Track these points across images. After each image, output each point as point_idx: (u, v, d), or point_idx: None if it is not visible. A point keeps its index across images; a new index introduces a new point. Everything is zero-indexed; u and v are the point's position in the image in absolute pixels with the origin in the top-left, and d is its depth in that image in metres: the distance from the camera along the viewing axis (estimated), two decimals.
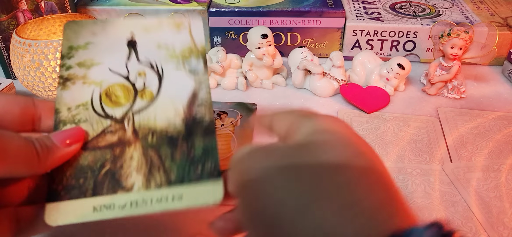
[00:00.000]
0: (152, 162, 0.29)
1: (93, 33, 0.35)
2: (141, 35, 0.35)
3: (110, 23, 0.35)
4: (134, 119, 0.31)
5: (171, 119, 0.31)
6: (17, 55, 0.50)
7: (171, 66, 0.34)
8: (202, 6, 0.63)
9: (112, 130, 0.31)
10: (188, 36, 0.35)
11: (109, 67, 0.33)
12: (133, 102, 0.32)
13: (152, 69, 0.33)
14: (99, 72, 0.33)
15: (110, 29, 0.35)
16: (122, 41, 0.34)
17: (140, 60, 0.34)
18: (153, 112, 0.31)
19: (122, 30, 0.35)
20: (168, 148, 0.29)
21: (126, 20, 0.36)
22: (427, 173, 0.42)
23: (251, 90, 0.57)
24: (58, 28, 0.58)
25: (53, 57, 0.49)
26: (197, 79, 0.33)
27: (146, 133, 0.30)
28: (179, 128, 0.30)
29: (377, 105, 0.53)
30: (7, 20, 0.57)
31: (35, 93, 0.53)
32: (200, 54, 0.34)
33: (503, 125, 0.49)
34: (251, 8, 0.62)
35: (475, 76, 0.60)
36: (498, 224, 0.36)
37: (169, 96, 0.32)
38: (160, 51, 0.34)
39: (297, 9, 0.62)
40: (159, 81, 0.33)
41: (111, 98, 0.32)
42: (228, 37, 0.64)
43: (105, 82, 0.32)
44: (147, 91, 0.32)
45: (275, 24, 0.63)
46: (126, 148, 0.30)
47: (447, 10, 0.67)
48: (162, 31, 0.36)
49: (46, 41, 0.49)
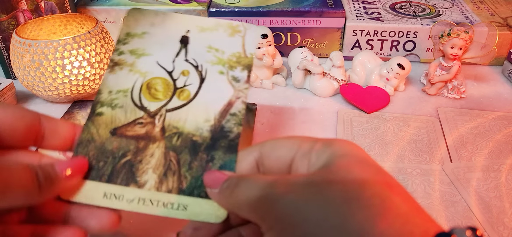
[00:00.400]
0: (169, 165, 0.29)
1: (152, 23, 0.35)
2: (196, 34, 0.35)
3: (170, 16, 0.35)
4: (166, 116, 0.31)
5: (200, 124, 0.31)
6: (17, 55, 0.50)
7: (216, 70, 0.33)
8: (202, 6, 0.63)
9: (142, 122, 0.30)
10: (240, 44, 0.34)
11: (157, 60, 0.33)
12: (170, 99, 0.32)
13: (196, 69, 0.33)
14: (146, 63, 0.33)
15: (169, 22, 0.35)
16: (176, 37, 0.34)
17: (187, 58, 0.34)
18: (185, 113, 0.31)
19: (179, 25, 0.35)
20: (188, 154, 0.29)
21: (185, 16, 0.35)
22: (427, 173, 0.42)
23: (251, 90, 0.57)
24: (58, 28, 0.58)
25: (53, 57, 0.49)
26: (237, 89, 0.32)
27: (173, 134, 0.30)
28: (205, 135, 0.30)
29: (377, 105, 0.53)
30: (7, 20, 0.57)
31: (35, 93, 0.53)
32: (247, 65, 0.34)
33: (503, 125, 0.49)
34: (251, 8, 0.62)
35: (475, 76, 0.60)
36: (498, 224, 0.36)
37: (205, 100, 0.32)
38: (209, 53, 0.34)
39: (297, 9, 0.62)
40: (200, 83, 0.33)
41: (150, 91, 0.32)
42: None
43: (149, 74, 0.32)
44: (186, 91, 0.32)
45: (275, 24, 0.63)
46: (150, 144, 0.30)
47: (447, 10, 0.67)
48: (217, 33, 0.35)
49: (46, 41, 0.49)
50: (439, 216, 0.37)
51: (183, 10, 0.63)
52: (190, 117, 0.31)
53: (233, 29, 0.35)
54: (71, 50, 0.50)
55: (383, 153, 0.45)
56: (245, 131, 0.48)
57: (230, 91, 0.32)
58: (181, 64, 0.33)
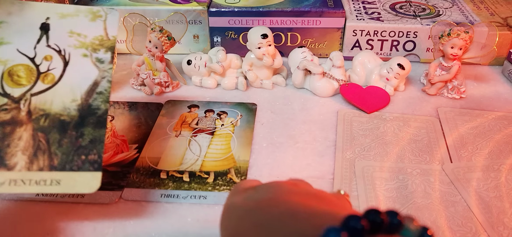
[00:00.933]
0: (39, 146, 0.30)
1: (9, 13, 0.36)
2: (56, 21, 0.37)
3: (28, 5, 0.37)
4: (31, 100, 0.32)
5: (67, 104, 0.32)
6: None
7: (79, 53, 0.35)
8: (202, 6, 0.63)
9: (7, 108, 0.32)
10: (102, 28, 0.37)
11: (17, 47, 0.35)
12: (34, 84, 0.33)
13: (59, 54, 0.35)
14: (6, 52, 0.34)
15: (27, 11, 0.36)
16: (36, 24, 0.36)
17: (49, 44, 0.35)
18: (51, 96, 0.33)
19: (38, 14, 0.36)
20: (57, 133, 0.31)
21: (44, 4, 0.37)
22: (427, 173, 0.42)
23: (251, 90, 0.57)
24: None
25: None
26: (102, 69, 0.35)
27: (40, 116, 0.32)
28: (73, 113, 0.32)
29: (377, 105, 0.53)
30: None
31: None
32: (110, 46, 0.36)
33: (503, 125, 0.49)
34: (251, 8, 0.62)
35: (475, 76, 0.60)
36: (498, 224, 0.36)
37: (71, 82, 0.34)
38: (71, 38, 0.36)
39: (297, 9, 0.62)
40: (64, 67, 0.34)
41: (12, 77, 0.33)
42: (228, 37, 0.64)
43: (10, 62, 0.34)
44: (50, 75, 0.34)
45: (275, 24, 0.63)
46: (17, 128, 0.31)
47: (447, 10, 0.67)
48: (78, 19, 0.37)
49: None
50: (439, 216, 0.37)
51: (183, 10, 0.63)
52: (57, 99, 0.33)
53: (94, 14, 0.37)
54: None
55: (383, 153, 0.45)
56: (245, 131, 0.48)
57: (95, 72, 0.35)
58: (43, 50, 0.35)
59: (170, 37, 0.55)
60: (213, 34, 0.65)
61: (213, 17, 0.63)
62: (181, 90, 0.58)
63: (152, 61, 0.56)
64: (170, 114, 0.52)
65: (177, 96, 0.56)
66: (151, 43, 0.54)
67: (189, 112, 0.52)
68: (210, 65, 0.56)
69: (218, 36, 0.65)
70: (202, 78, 0.58)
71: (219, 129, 0.49)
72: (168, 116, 0.52)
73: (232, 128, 0.49)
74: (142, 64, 0.57)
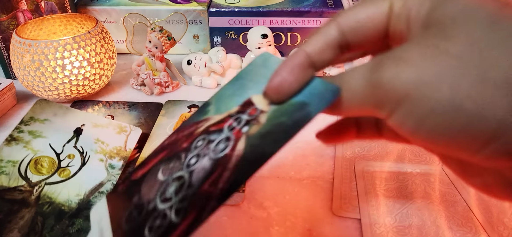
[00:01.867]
0: (34, 227, 0.34)
1: (55, 114, 0.44)
2: (89, 128, 0.43)
3: (71, 111, 0.45)
4: (44, 188, 0.37)
5: (70, 197, 0.37)
6: (17, 55, 0.50)
7: (97, 157, 0.41)
8: (202, 6, 0.63)
9: (22, 189, 0.37)
10: (123, 140, 0.43)
11: (50, 142, 0.41)
12: (51, 175, 0.39)
13: (81, 155, 0.41)
14: (40, 143, 0.41)
15: (69, 115, 0.44)
16: (72, 127, 0.43)
17: (76, 145, 0.41)
18: (61, 188, 0.37)
19: (77, 119, 0.44)
20: (53, 219, 0.34)
21: (84, 113, 0.45)
22: (427, 173, 0.42)
23: None
24: (58, 28, 0.58)
25: (53, 57, 0.49)
26: (111, 174, 0.39)
27: (45, 202, 0.36)
28: (73, 206, 0.36)
29: None
30: (7, 20, 0.57)
31: (35, 93, 0.53)
32: (124, 157, 0.41)
33: None
34: (251, 8, 0.62)
35: None
36: (498, 224, 0.36)
37: (81, 180, 0.38)
38: (95, 144, 0.42)
39: (297, 9, 0.62)
40: (80, 166, 0.40)
41: (36, 166, 0.39)
42: (228, 37, 0.64)
43: (39, 152, 0.40)
44: (67, 170, 0.39)
45: (275, 24, 0.63)
46: (23, 209, 0.35)
47: None
48: (107, 130, 0.43)
49: (46, 41, 0.49)
50: (439, 216, 0.37)
51: (183, 10, 0.63)
52: (64, 191, 0.37)
53: (121, 128, 0.44)
54: (71, 50, 0.50)
55: (383, 153, 0.45)
56: None
57: (104, 175, 0.39)
58: (70, 149, 0.41)
59: (170, 37, 0.55)
60: (213, 34, 0.65)
61: (213, 17, 0.63)
62: (181, 90, 0.58)
63: (152, 61, 0.56)
64: (170, 114, 0.52)
65: (177, 96, 0.56)
66: (151, 43, 0.54)
67: (189, 112, 0.52)
68: (210, 65, 0.56)
69: (218, 36, 0.65)
70: (202, 78, 0.58)
71: None
72: (168, 116, 0.52)
73: None
74: (142, 64, 0.57)
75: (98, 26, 0.53)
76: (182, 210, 0.23)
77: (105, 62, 0.53)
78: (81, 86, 0.52)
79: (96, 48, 0.52)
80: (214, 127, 0.27)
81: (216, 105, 0.28)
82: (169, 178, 0.25)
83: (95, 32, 0.52)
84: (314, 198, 0.39)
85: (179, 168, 0.26)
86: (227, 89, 0.29)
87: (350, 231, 0.35)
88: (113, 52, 0.55)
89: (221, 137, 0.26)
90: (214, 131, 0.27)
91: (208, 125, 0.27)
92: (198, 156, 0.26)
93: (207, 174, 0.24)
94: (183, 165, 0.25)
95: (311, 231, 0.35)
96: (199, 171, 0.24)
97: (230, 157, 0.24)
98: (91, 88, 0.53)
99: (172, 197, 0.24)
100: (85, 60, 0.51)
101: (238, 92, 0.28)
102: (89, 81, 0.52)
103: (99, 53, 0.52)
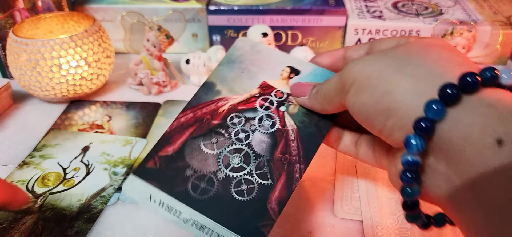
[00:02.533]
0: (35, 231, 0.34)
1: (66, 138, 0.46)
2: (96, 145, 0.45)
3: (81, 134, 0.47)
4: (48, 197, 0.38)
5: (72, 203, 0.37)
6: (13, 54, 0.49)
7: (101, 167, 0.42)
8: (201, 4, 0.62)
9: None
10: (128, 151, 0.44)
11: (58, 161, 0.42)
12: (56, 186, 0.39)
13: (86, 167, 0.42)
14: (48, 164, 0.42)
15: (79, 137, 0.46)
16: (80, 146, 0.45)
17: (82, 160, 0.42)
18: (64, 196, 0.38)
19: (85, 140, 0.46)
20: (54, 223, 0.35)
21: (92, 134, 0.47)
22: None
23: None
24: (55, 27, 0.57)
25: (49, 56, 0.48)
26: (113, 179, 0.40)
27: (48, 209, 0.36)
28: (74, 210, 0.36)
29: None
30: (3, 19, 0.56)
31: (32, 93, 0.52)
32: (128, 164, 0.42)
33: None
34: (251, 6, 0.61)
35: None
36: None
37: (84, 187, 0.39)
38: (101, 157, 0.43)
39: (298, 7, 0.61)
40: (85, 176, 0.40)
41: (43, 181, 0.40)
42: (227, 35, 0.64)
43: (48, 170, 0.41)
44: (71, 181, 0.40)
45: (275, 22, 0.62)
46: (26, 216, 0.35)
47: (450, 8, 0.66)
48: (113, 144, 0.45)
49: (43, 40, 0.48)
50: None
51: (181, 8, 0.62)
52: (67, 198, 0.38)
53: (127, 141, 0.45)
54: (68, 49, 0.49)
55: None
56: None
57: (106, 181, 0.40)
58: (76, 163, 0.42)
59: (168, 36, 0.54)
60: (212, 32, 0.64)
61: (212, 16, 0.62)
62: (179, 90, 0.57)
63: (150, 60, 0.55)
64: (168, 115, 0.51)
65: (176, 96, 0.55)
66: (149, 42, 0.54)
67: None
68: (209, 64, 0.56)
69: (217, 35, 0.64)
70: (201, 77, 0.57)
71: None
72: (166, 116, 0.51)
73: None
74: (140, 64, 0.56)
75: (95, 25, 0.52)
76: (267, 174, 0.29)
77: (102, 62, 0.53)
78: (78, 85, 0.51)
79: (93, 47, 0.51)
80: (243, 106, 0.33)
81: (225, 86, 0.33)
82: (223, 151, 0.30)
83: (92, 31, 0.51)
84: (315, 200, 0.38)
85: (230, 142, 0.31)
86: (225, 71, 0.34)
87: (352, 232, 0.35)
88: (110, 51, 0.55)
89: (261, 115, 0.32)
90: (246, 109, 0.32)
91: (233, 103, 0.33)
92: (244, 131, 0.31)
93: (272, 146, 0.30)
94: (233, 139, 0.31)
95: (312, 233, 0.35)
96: (260, 143, 0.31)
97: (286, 131, 0.31)
98: (88, 87, 0.53)
99: (243, 166, 0.29)
100: (82, 59, 0.50)
101: (245, 75, 0.34)
102: (86, 80, 0.52)
103: (97, 52, 0.51)
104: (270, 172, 0.29)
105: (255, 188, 0.28)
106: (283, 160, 0.30)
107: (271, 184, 0.28)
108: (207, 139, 0.31)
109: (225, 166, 0.29)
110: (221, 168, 0.29)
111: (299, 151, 0.30)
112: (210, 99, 0.33)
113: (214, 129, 0.31)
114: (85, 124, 0.49)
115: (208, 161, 0.30)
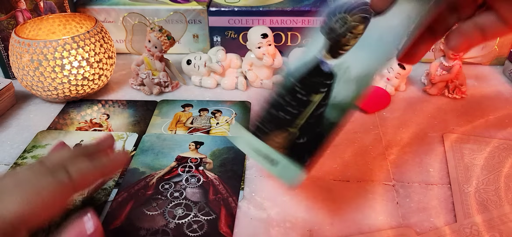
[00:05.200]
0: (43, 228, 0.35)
1: (54, 138, 0.47)
2: (88, 141, 0.45)
3: (72, 133, 0.48)
4: None
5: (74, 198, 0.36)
6: (16, 54, 0.50)
7: None
8: (201, 6, 0.63)
9: None
10: (121, 146, 0.46)
11: None
12: None
13: None
14: None
15: (69, 136, 0.47)
16: (71, 144, 0.43)
17: None
18: None
19: (77, 137, 0.47)
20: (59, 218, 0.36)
21: (83, 133, 0.48)
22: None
23: (251, 90, 0.57)
24: (57, 27, 0.57)
25: (52, 56, 0.49)
26: None
27: None
28: (77, 204, 0.37)
29: (378, 105, 0.52)
30: (6, 19, 0.57)
31: (34, 93, 0.53)
32: None
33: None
34: (251, 8, 0.62)
35: (476, 76, 0.60)
36: (498, 224, 0.36)
37: None
38: None
39: (297, 8, 0.62)
40: None
41: None
42: (228, 36, 0.64)
43: None
44: None
45: (275, 23, 0.62)
46: None
47: None
48: None
49: (45, 41, 0.48)
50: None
51: (182, 9, 0.62)
52: None
53: (119, 136, 0.47)
54: (70, 50, 0.49)
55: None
56: None
57: None
58: None
59: (169, 37, 0.55)
60: (212, 33, 0.64)
61: (212, 17, 0.63)
62: (180, 90, 0.57)
63: (151, 61, 0.56)
64: (164, 114, 0.52)
65: (176, 96, 0.56)
66: (151, 42, 0.54)
67: (183, 111, 0.52)
68: (210, 65, 0.56)
69: (217, 36, 0.64)
70: (201, 78, 0.57)
71: (214, 128, 0.49)
72: (162, 115, 0.51)
73: (228, 127, 0.49)
74: (141, 64, 0.56)
75: (97, 25, 0.53)
76: (210, 211, 0.37)
77: (104, 62, 0.53)
78: (80, 86, 0.52)
79: (95, 48, 0.51)
80: (168, 175, 0.41)
81: (147, 168, 0.42)
82: (166, 209, 0.37)
83: (94, 31, 0.52)
84: (314, 199, 0.39)
85: (168, 201, 0.38)
86: (142, 158, 0.44)
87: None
88: (112, 52, 0.55)
89: (186, 177, 0.41)
90: (171, 177, 0.41)
91: (159, 176, 0.41)
92: (177, 191, 0.39)
93: (204, 193, 0.39)
94: (170, 199, 0.38)
95: (311, 232, 0.35)
96: (194, 195, 0.39)
97: (210, 180, 0.40)
98: (90, 88, 0.53)
99: (188, 213, 0.37)
100: (84, 60, 0.51)
101: (160, 156, 0.44)
102: (88, 81, 0.52)
103: (98, 53, 0.52)
104: (211, 209, 0.37)
105: (204, 224, 0.35)
106: (217, 199, 0.38)
107: (216, 217, 0.36)
108: (147, 205, 0.37)
109: (172, 218, 0.36)
110: (169, 220, 0.36)
111: (227, 190, 0.39)
112: (138, 179, 0.40)
113: (151, 197, 0.38)
114: (83, 122, 0.50)
115: (156, 219, 0.36)
